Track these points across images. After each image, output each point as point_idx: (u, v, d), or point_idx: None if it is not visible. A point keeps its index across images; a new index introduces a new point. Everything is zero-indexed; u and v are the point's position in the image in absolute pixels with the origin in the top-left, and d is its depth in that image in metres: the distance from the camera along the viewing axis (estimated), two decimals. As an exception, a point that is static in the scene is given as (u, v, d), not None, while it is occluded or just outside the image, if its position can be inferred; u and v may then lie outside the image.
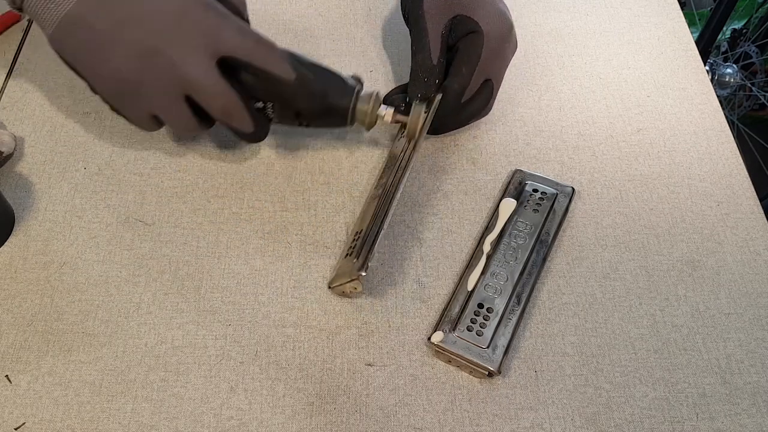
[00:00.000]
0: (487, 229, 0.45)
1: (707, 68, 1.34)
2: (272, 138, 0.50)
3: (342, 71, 0.44)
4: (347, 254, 0.43)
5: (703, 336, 0.42)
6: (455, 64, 0.46)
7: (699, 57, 0.57)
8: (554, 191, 0.47)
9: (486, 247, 0.44)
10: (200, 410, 0.39)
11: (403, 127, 0.46)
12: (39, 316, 0.42)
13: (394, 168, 0.45)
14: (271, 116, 0.44)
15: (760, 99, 1.32)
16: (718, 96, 0.90)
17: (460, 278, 0.43)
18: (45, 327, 0.41)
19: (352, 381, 0.40)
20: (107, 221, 0.46)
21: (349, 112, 0.43)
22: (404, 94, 0.49)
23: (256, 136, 0.43)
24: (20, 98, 0.52)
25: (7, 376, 0.39)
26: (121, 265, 0.44)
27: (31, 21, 0.57)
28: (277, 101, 0.42)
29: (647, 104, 0.54)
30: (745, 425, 0.39)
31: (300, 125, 0.45)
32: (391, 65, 0.55)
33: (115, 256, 0.44)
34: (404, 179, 0.42)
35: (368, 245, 0.40)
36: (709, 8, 1.32)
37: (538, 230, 0.45)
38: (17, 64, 0.54)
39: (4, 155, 0.47)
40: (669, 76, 0.56)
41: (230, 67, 0.40)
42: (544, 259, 0.44)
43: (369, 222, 0.43)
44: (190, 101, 0.40)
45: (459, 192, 0.48)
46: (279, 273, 0.44)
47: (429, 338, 0.40)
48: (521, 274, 0.43)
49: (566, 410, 0.39)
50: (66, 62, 0.39)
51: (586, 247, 0.46)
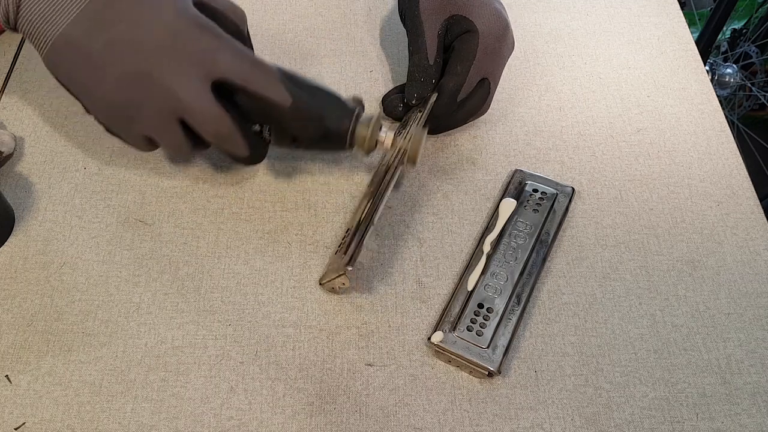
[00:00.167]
0: (487, 229, 0.45)
1: (707, 68, 1.34)
2: (272, 138, 0.50)
3: (343, 72, 0.44)
4: (336, 251, 0.43)
5: (703, 336, 0.42)
6: (451, 63, 0.46)
7: (699, 57, 0.57)
8: (554, 191, 0.47)
9: (486, 247, 0.44)
10: (200, 410, 0.39)
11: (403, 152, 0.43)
12: (39, 316, 0.42)
13: (385, 164, 0.45)
14: (268, 139, 0.43)
15: (760, 99, 1.32)
16: (718, 96, 0.90)
17: (460, 278, 0.43)
18: (45, 327, 0.41)
19: (352, 381, 0.40)
20: (107, 221, 0.46)
21: (348, 137, 0.41)
22: (402, 94, 0.49)
23: (252, 160, 0.42)
24: (20, 98, 0.52)
25: (7, 376, 0.39)
26: (121, 265, 0.44)
27: None
28: (274, 125, 0.41)
29: (647, 104, 0.54)
30: (745, 425, 0.39)
31: (298, 148, 0.45)
32: (391, 65, 0.55)
33: (115, 256, 0.44)
34: (394, 176, 0.42)
35: (357, 240, 0.40)
36: (709, 8, 1.32)
37: (538, 230, 0.45)
38: (17, 64, 0.54)
39: (4, 155, 0.47)
40: (669, 76, 0.56)
41: (226, 90, 0.38)
42: (544, 259, 0.44)
43: (358, 218, 0.43)
44: (185, 124, 0.39)
45: (459, 192, 0.48)
46: (279, 273, 0.44)
47: (429, 338, 0.40)
48: (521, 274, 0.43)
49: (566, 410, 0.39)
50: (60, 83, 0.39)
51: (586, 247, 0.46)
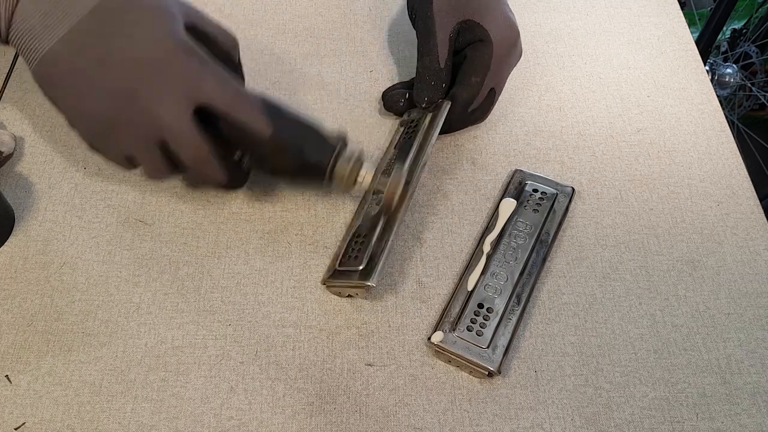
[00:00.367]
0: (487, 229, 0.45)
1: (707, 68, 1.34)
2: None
3: (343, 72, 0.43)
4: (348, 255, 0.43)
5: (703, 336, 0.42)
6: (465, 73, 0.46)
7: (699, 57, 0.57)
8: (554, 191, 0.47)
9: (486, 247, 0.44)
10: (200, 410, 0.39)
11: (379, 194, 0.42)
12: (39, 316, 0.42)
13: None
14: (248, 168, 0.42)
15: (760, 99, 1.32)
16: (718, 96, 0.90)
17: (460, 278, 0.43)
18: (45, 327, 0.41)
19: (352, 381, 0.40)
20: (107, 221, 0.46)
21: (326, 172, 0.40)
22: (404, 90, 0.49)
23: (231, 187, 0.41)
24: (20, 98, 0.52)
25: (7, 376, 0.39)
26: (121, 265, 0.44)
27: None
28: (253, 154, 0.41)
29: (647, 104, 0.54)
30: (745, 425, 0.39)
31: (277, 179, 0.44)
32: (391, 65, 0.55)
33: (115, 256, 0.44)
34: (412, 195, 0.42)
35: (377, 256, 0.40)
36: (709, 8, 1.32)
37: (538, 230, 0.45)
38: (17, 64, 0.54)
39: (4, 155, 0.47)
40: (669, 76, 0.56)
41: (209, 116, 0.38)
42: (544, 259, 0.44)
43: (373, 229, 0.42)
44: (165, 146, 0.38)
45: (459, 192, 0.48)
46: (279, 273, 0.44)
47: (429, 338, 0.40)
48: (521, 274, 0.43)
49: (566, 410, 0.39)
50: (47, 96, 0.39)
51: (586, 247, 0.46)
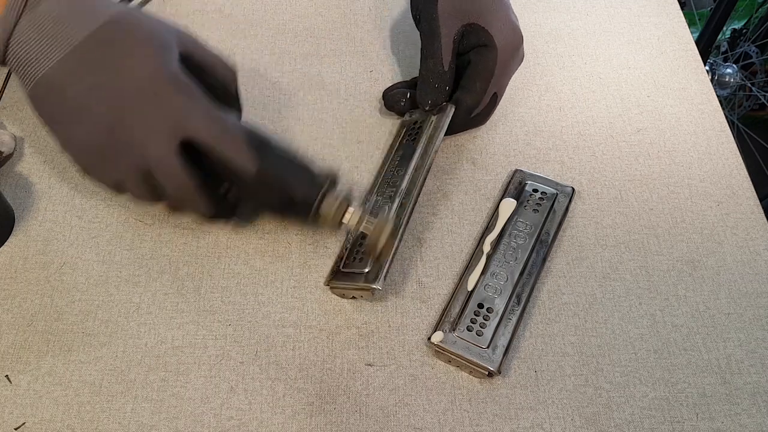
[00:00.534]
0: (487, 229, 0.45)
1: (707, 68, 1.34)
2: (272, 138, 0.50)
3: (343, 72, 0.43)
4: (353, 257, 0.43)
5: (703, 336, 0.42)
6: (469, 78, 0.46)
7: (699, 57, 0.57)
8: (554, 191, 0.47)
9: (486, 247, 0.44)
10: (200, 410, 0.39)
11: (364, 238, 0.41)
12: (39, 316, 0.42)
13: (404, 182, 0.45)
14: (233, 201, 0.42)
15: (760, 99, 1.32)
16: (718, 96, 0.90)
17: (460, 278, 0.43)
18: (45, 327, 0.41)
19: (352, 381, 0.40)
20: (107, 221, 0.46)
21: (311, 211, 0.40)
22: (405, 90, 0.49)
23: (216, 219, 0.41)
24: (20, 98, 0.52)
25: (7, 376, 0.39)
26: (121, 265, 0.44)
27: None
28: (239, 188, 0.41)
29: (647, 104, 0.54)
30: (745, 425, 0.39)
31: (262, 213, 0.44)
32: (391, 65, 0.55)
33: (115, 256, 0.44)
34: (417, 200, 0.43)
35: (388, 262, 0.40)
36: (709, 8, 1.32)
37: (538, 230, 0.45)
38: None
39: (4, 155, 0.47)
40: (669, 76, 0.56)
41: (196, 151, 0.38)
42: (544, 259, 0.44)
43: (383, 238, 0.42)
44: (150, 176, 0.38)
45: (459, 192, 0.48)
46: (279, 273, 0.44)
47: (429, 338, 0.40)
48: (521, 274, 0.43)
49: (566, 410, 0.39)
50: (40, 119, 0.39)
51: (586, 247, 0.46)
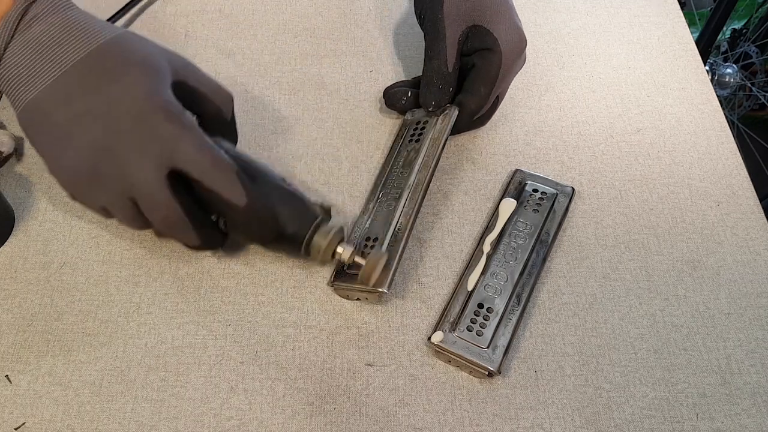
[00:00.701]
0: (487, 229, 0.45)
1: (707, 68, 1.34)
2: (271, 138, 0.50)
3: (343, 72, 0.43)
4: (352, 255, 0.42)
5: (703, 336, 0.42)
6: (473, 82, 0.46)
7: (699, 57, 0.57)
8: (554, 191, 0.47)
9: (486, 247, 0.44)
10: (200, 410, 0.39)
11: (357, 268, 0.40)
12: (39, 316, 0.42)
13: (410, 183, 0.45)
14: (225, 230, 0.42)
15: (760, 99, 1.32)
16: (718, 96, 0.90)
17: (460, 278, 0.43)
18: (45, 327, 0.41)
19: (352, 381, 0.40)
20: (107, 221, 0.46)
21: (303, 244, 0.40)
22: (406, 88, 0.49)
23: (205, 248, 0.41)
24: (20, 98, 0.52)
25: (7, 376, 0.39)
26: (121, 265, 0.44)
27: None
28: (228, 220, 0.40)
29: (647, 104, 0.54)
30: (745, 425, 0.39)
31: (252, 244, 0.44)
32: (391, 65, 0.55)
33: (115, 256, 0.44)
34: (423, 200, 0.43)
35: (390, 262, 0.41)
36: (709, 8, 1.32)
37: (538, 230, 0.45)
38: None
39: (4, 155, 0.47)
40: (669, 76, 0.56)
41: (187, 179, 0.38)
42: (544, 259, 0.44)
43: (387, 233, 0.43)
44: (137, 204, 0.38)
45: (459, 192, 0.48)
46: (279, 273, 0.44)
47: (429, 338, 0.40)
48: (521, 274, 0.43)
49: (566, 410, 0.39)
50: (29, 141, 0.38)
51: (586, 247, 0.46)
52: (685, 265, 0.45)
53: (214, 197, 0.38)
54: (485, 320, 0.41)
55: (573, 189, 0.47)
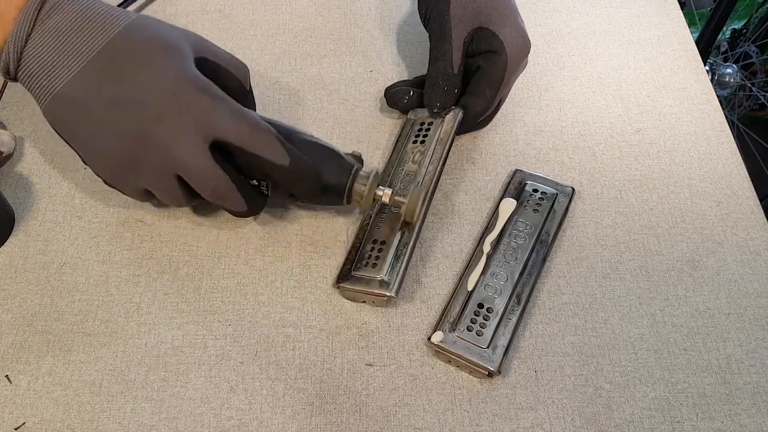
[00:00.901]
0: (487, 229, 0.45)
1: (707, 68, 1.34)
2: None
3: (343, 72, 0.43)
4: (366, 261, 0.42)
5: (703, 336, 0.42)
6: (479, 84, 0.46)
7: (699, 57, 0.57)
8: (554, 191, 0.47)
9: (486, 247, 0.44)
10: (200, 410, 0.39)
11: (398, 207, 0.43)
12: (39, 316, 0.42)
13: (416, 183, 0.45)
14: (266, 193, 0.42)
15: (760, 99, 1.32)
16: (718, 96, 0.90)
17: (460, 278, 0.43)
18: (45, 327, 0.41)
19: (352, 381, 0.40)
20: (107, 221, 0.46)
21: (345, 193, 0.41)
22: (408, 88, 0.49)
23: (250, 214, 0.42)
24: (20, 98, 0.52)
25: (7, 376, 0.39)
26: (121, 265, 0.44)
27: None
28: (272, 182, 0.41)
29: (647, 104, 0.54)
30: (745, 425, 0.39)
31: (295, 202, 0.45)
32: (391, 65, 0.55)
33: (115, 256, 0.44)
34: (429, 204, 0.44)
35: (399, 266, 0.41)
36: (709, 8, 1.32)
37: (538, 230, 0.45)
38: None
39: (4, 155, 0.47)
40: (669, 76, 0.56)
41: (225, 148, 0.39)
42: (544, 259, 0.44)
43: (392, 235, 0.43)
44: (183, 180, 0.39)
45: (459, 192, 0.48)
46: (279, 273, 0.44)
47: (429, 338, 0.40)
48: (521, 274, 0.43)
49: (566, 410, 0.39)
50: (59, 134, 0.39)
51: (586, 247, 0.46)
52: (685, 265, 0.45)
53: (258, 161, 0.39)
54: (485, 320, 0.41)
55: (573, 189, 0.47)
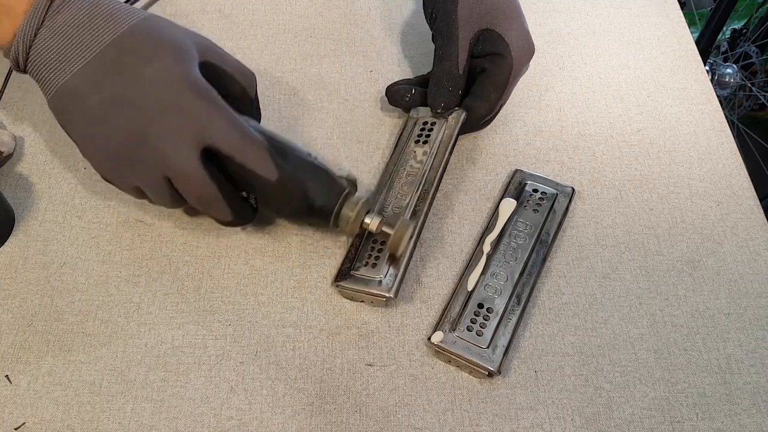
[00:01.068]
0: (487, 229, 0.45)
1: (707, 68, 1.34)
2: (272, 138, 0.50)
3: (343, 72, 0.43)
4: (365, 261, 0.42)
5: (703, 336, 0.42)
6: (483, 86, 0.46)
7: (699, 57, 0.57)
8: (554, 191, 0.47)
9: (486, 247, 0.44)
10: (200, 410, 0.39)
11: (386, 238, 0.41)
12: (39, 316, 0.42)
13: (417, 186, 0.45)
14: (255, 205, 0.42)
15: (760, 99, 1.32)
16: (718, 96, 0.90)
17: (460, 278, 0.43)
18: (45, 327, 0.41)
19: (352, 381, 0.40)
20: (107, 221, 0.46)
21: (332, 216, 0.40)
22: (410, 86, 0.49)
23: (237, 224, 0.42)
24: (20, 98, 0.52)
25: (7, 376, 0.39)
26: (121, 265, 0.44)
27: None
28: (259, 195, 0.41)
29: (647, 104, 0.54)
30: (745, 425, 0.39)
31: (282, 219, 0.45)
32: (391, 65, 0.55)
33: (115, 256, 0.44)
34: (431, 205, 0.44)
35: (399, 267, 0.41)
36: (709, 8, 1.32)
37: (538, 230, 0.45)
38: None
39: (4, 155, 0.47)
40: (669, 76, 0.56)
41: (217, 156, 0.38)
42: (544, 259, 0.44)
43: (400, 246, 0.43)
44: (172, 183, 0.39)
45: (459, 192, 0.48)
46: (279, 273, 0.44)
47: (429, 338, 0.40)
48: (521, 274, 0.43)
49: (566, 410, 0.39)
50: (61, 126, 0.39)
51: (586, 247, 0.46)
52: (685, 265, 0.45)
53: (246, 173, 0.38)
54: (485, 320, 0.41)
55: (573, 189, 0.47)
